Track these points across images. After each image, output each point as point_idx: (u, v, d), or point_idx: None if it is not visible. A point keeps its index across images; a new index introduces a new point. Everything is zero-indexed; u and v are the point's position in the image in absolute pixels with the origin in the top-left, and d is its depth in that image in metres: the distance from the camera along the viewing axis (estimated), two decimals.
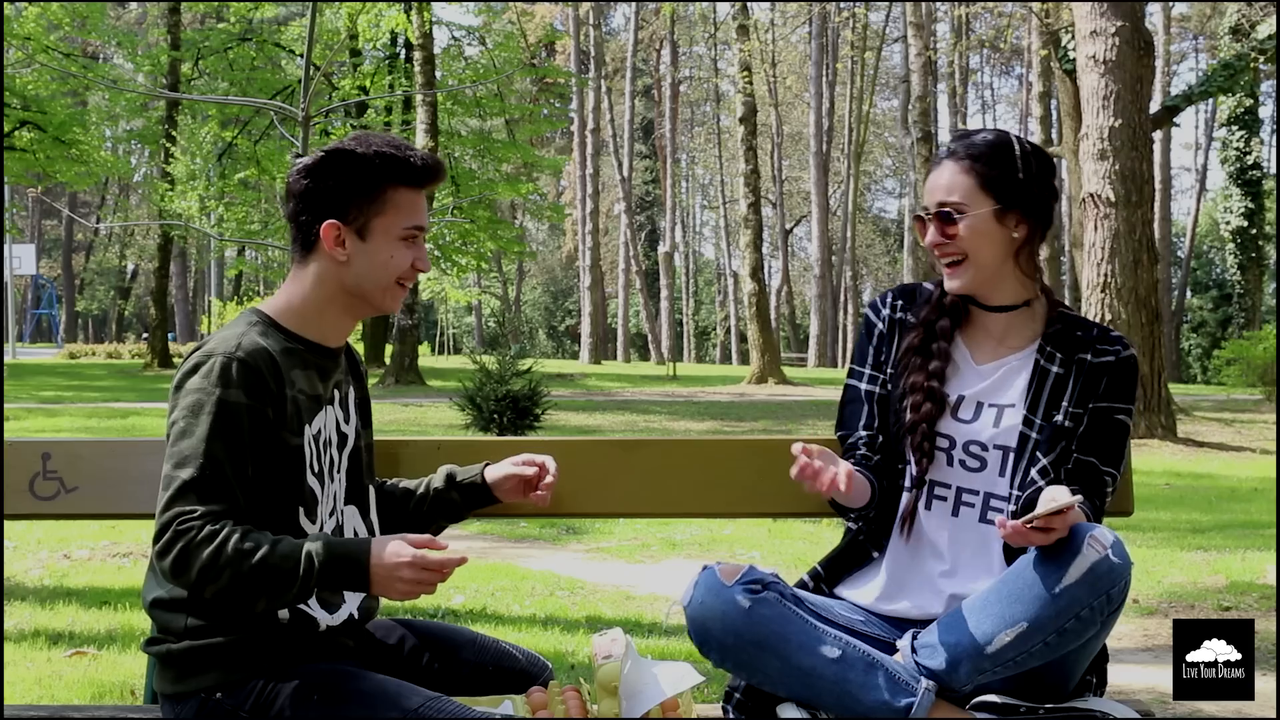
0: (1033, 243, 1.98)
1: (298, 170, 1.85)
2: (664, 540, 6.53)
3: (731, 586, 1.78)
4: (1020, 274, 1.98)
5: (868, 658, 1.77)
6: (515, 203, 38.53)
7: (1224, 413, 15.77)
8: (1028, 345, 1.99)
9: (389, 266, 1.84)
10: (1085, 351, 1.97)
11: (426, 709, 1.66)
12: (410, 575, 1.68)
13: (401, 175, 1.83)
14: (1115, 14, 11.61)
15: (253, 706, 1.70)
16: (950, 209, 1.94)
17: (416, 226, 1.86)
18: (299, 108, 3.59)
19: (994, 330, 2.01)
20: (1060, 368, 1.96)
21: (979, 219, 1.93)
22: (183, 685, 1.73)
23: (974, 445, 1.94)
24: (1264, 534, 6.38)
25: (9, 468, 2.15)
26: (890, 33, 40.46)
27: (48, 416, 12.74)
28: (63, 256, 51.33)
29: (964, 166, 1.95)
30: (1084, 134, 11.93)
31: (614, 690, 1.93)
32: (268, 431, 1.73)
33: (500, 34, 28.30)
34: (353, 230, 1.82)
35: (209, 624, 1.72)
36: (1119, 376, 1.96)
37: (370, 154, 1.81)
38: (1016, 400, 1.95)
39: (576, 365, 32.34)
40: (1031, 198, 1.95)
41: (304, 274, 1.86)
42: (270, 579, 1.63)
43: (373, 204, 1.82)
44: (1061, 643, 1.72)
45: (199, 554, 1.61)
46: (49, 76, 20.46)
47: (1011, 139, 1.96)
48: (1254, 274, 32.38)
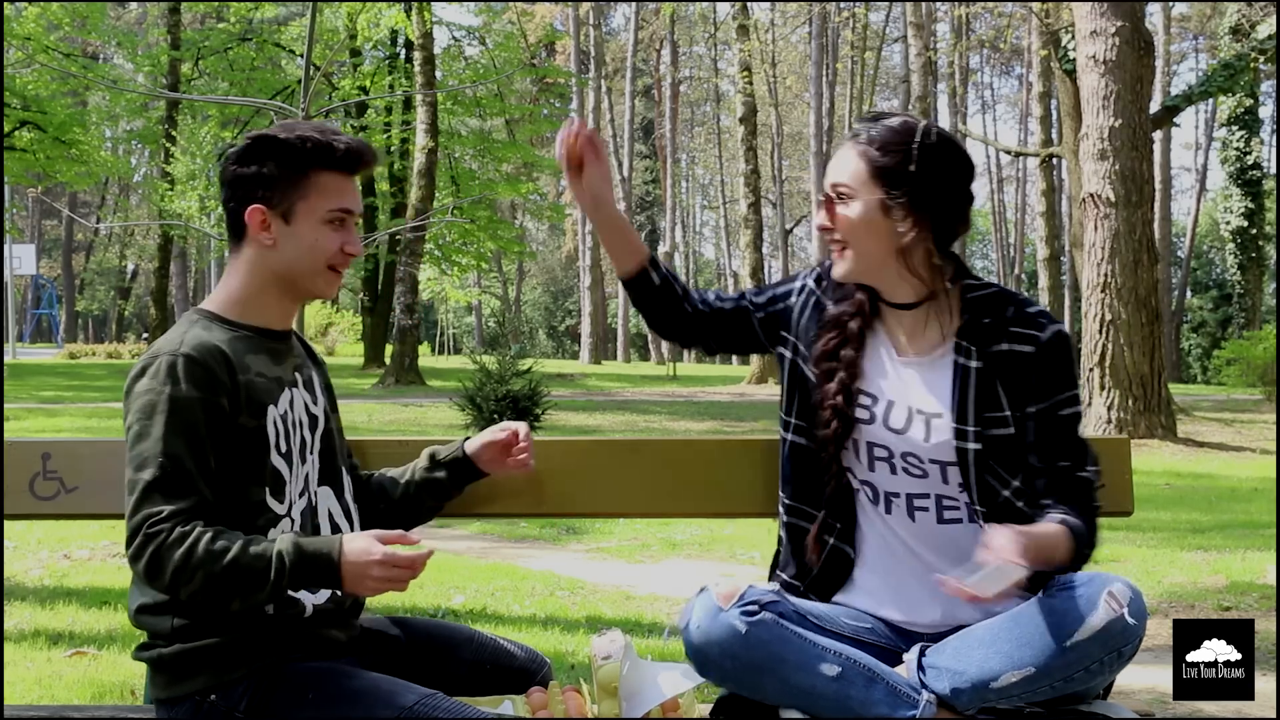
0: (925, 240, 1.85)
1: (227, 158, 1.87)
2: (664, 540, 6.53)
3: (728, 610, 1.76)
4: (911, 272, 1.87)
5: (868, 672, 1.76)
6: (515, 203, 38.54)
7: (1224, 413, 15.77)
8: (944, 342, 1.89)
9: (315, 250, 1.84)
10: (1001, 341, 1.86)
11: (421, 706, 1.66)
12: (380, 573, 1.67)
13: (326, 159, 1.83)
14: (1115, 14, 11.61)
15: (247, 707, 1.69)
16: (837, 191, 1.86)
17: (344, 210, 1.86)
18: (299, 108, 3.59)
19: (905, 326, 1.92)
20: (979, 361, 1.85)
21: (864, 207, 1.84)
22: (176, 689, 1.73)
23: (911, 457, 1.87)
24: (1264, 534, 6.38)
25: (9, 468, 2.15)
26: (890, 33, 40.47)
27: (48, 416, 12.74)
28: (63, 256, 51.32)
29: (860, 150, 1.85)
30: (1084, 134, 11.93)
31: (614, 691, 1.93)
32: (223, 421, 1.73)
33: (500, 34, 28.31)
34: (278, 214, 1.83)
35: (195, 624, 1.72)
36: (1048, 365, 1.85)
37: (294, 138, 1.82)
38: (944, 409, 1.85)
39: (576, 365, 32.33)
40: (924, 193, 1.81)
41: (238, 262, 1.87)
42: (242, 579, 1.64)
43: (297, 188, 1.83)
44: (1068, 687, 1.71)
45: (170, 556, 1.62)
46: (49, 76, 20.46)
47: (917, 126, 1.83)
48: (1254, 274, 32.38)
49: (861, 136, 1.86)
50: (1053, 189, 28.48)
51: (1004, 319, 1.87)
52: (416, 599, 4.51)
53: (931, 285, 1.88)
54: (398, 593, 1.84)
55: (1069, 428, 1.86)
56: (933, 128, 1.85)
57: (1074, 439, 1.86)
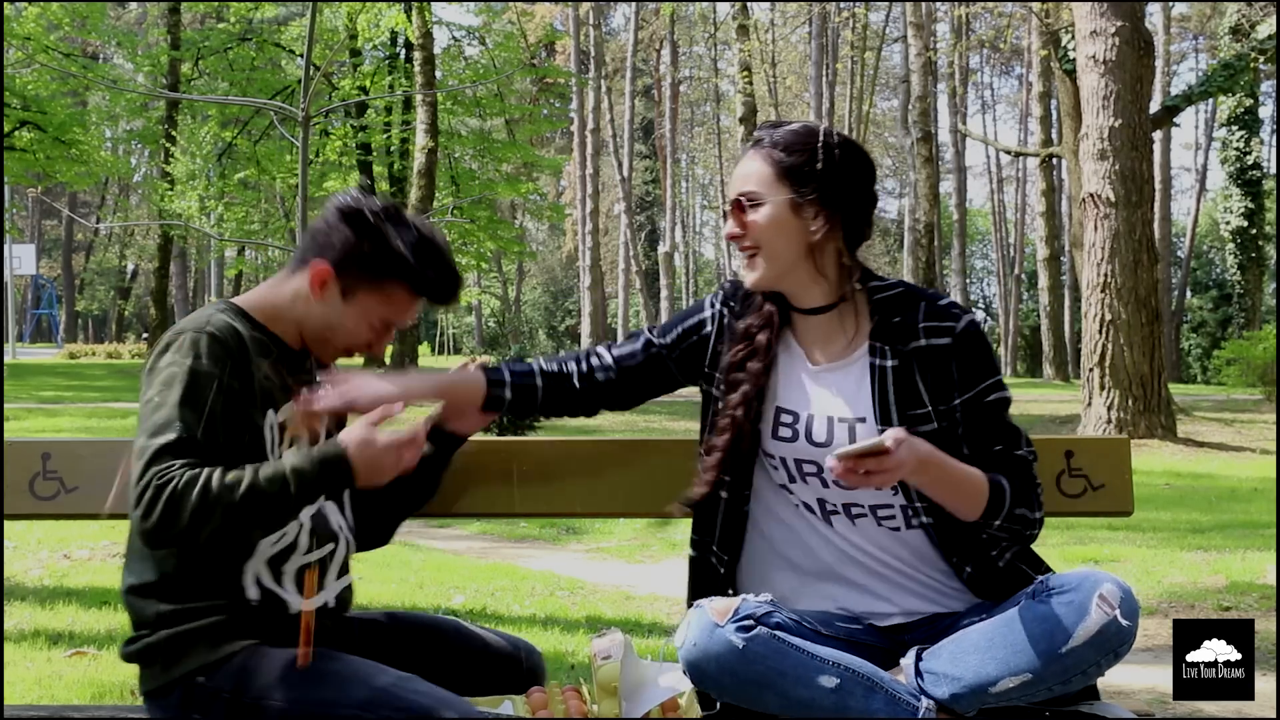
0: (834, 240, 1.87)
1: (341, 206, 1.87)
2: (664, 540, 6.54)
3: (724, 626, 1.74)
4: (821, 272, 1.88)
5: (867, 682, 1.75)
6: (515, 203, 38.55)
7: (1224, 413, 15.77)
8: (859, 344, 1.89)
9: (346, 333, 1.88)
10: (915, 338, 1.86)
11: (395, 687, 1.68)
12: (391, 456, 1.71)
13: (415, 281, 1.86)
14: (1115, 14, 11.61)
15: (233, 689, 1.71)
16: (745, 197, 1.86)
17: (395, 324, 1.90)
18: (299, 108, 3.59)
19: (817, 333, 1.93)
20: (895, 359, 1.86)
21: (773, 208, 1.84)
22: (166, 676, 1.75)
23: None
24: (1264, 534, 6.38)
25: (9, 468, 2.16)
26: (890, 33, 40.45)
27: (48, 416, 12.74)
28: (63, 256, 51.31)
29: (764, 155, 1.86)
30: (1084, 134, 11.93)
31: (614, 690, 1.93)
32: (236, 404, 1.74)
33: (500, 34, 28.29)
34: (339, 285, 1.85)
35: (180, 609, 1.74)
36: (967, 355, 1.85)
37: (402, 247, 1.84)
38: (865, 412, 1.86)
39: None
40: (830, 189, 1.83)
41: (285, 283, 1.90)
42: (262, 503, 1.65)
43: (372, 282, 1.86)
44: (1066, 689, 1.72)
45: (186, 498, 1.61)
46: (49, 76, 20.45)
47: (818, 128, 1.86)
48: (1254, 274, 32.37)
49: (764, 141, 1.88)
50: (1053, 189, 28.49)
51: (915, 315, 1.87)
52: (416, 598, 4.51)
53: (841, 287, 1.89)
54: (397, 592, 1.84)
55: (998, 413, 1.87)
56: (833, 130, 1.88)
57: (1004, 423, 1.88)
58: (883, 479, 1.68)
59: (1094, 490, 2.19)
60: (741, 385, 1.90)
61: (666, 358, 2.01)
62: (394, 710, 1.65)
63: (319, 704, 1.68)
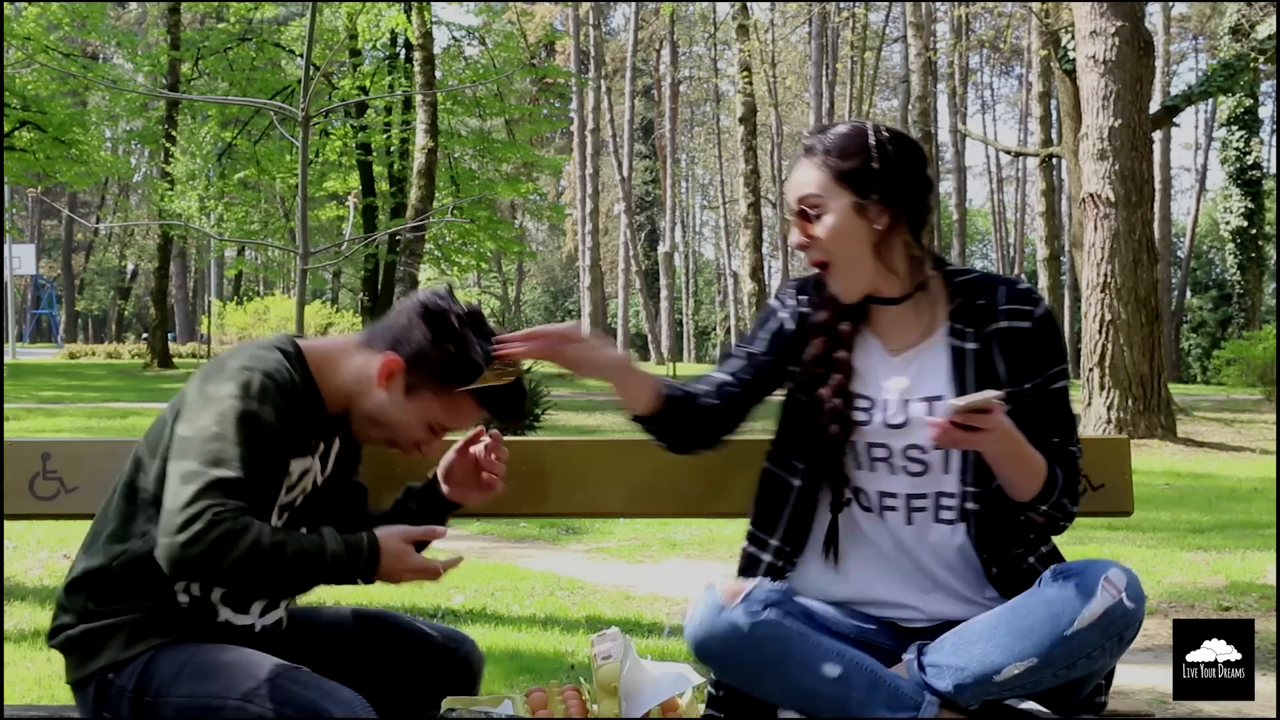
0: (900, 233, 1.88)
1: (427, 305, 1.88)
2: (664, 540, 6.54)
3: (732, 608, 1.75)
4: (890, 267, 1.88)
5: (870, 675, 1.75)
6: (515, 203, 38.54)
7: (1224, 413, 15.77)
8: (937, 328, 1.91)
9: (397, 427, 1.89)
10: (996, 320, 1.89)
11: (281, 679, 1.70)
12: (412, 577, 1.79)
13: (483, 396, 1.88)
14: (1115, 14, 11.61)
15: (135, 687, 1.74)
16: (807, 206, 1.87)
17: (447, 429, 1.92)
18: (299, 108, 3.58)
19: (895, 321, 1.93)
20: (975, 343, 1.88)
21: (837, 215, 1.85)
22: (83, 669, 1.77)
23: (912, 450, 1.87)
24: (1264, 534, 6.38)
25: (9, 468, 2.15)
26: (890, 33, 40.46)
27: (48, 416, 12.74)
28: (63, 256, 51.31)
29: (818, 161, 1.87)
30: (1084, 134, 11.93)
31: (614, 690, 1.94)
32: (279, 455, 1.78)
33: (500, 34, 28.28)
34: (405, 381, 1.86)
35: (103, 608, 1.77)
36: (1042, 341, 1.88)
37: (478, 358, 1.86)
38: (943, 390, 1.87)
39: None
40: (890, 185, 1.85)
41: (353, 355, 1.90)
42: (295, 570, 1.69)
43: (440, 388, 1.87)
44: (1070, 675, 1.72)
45: (238, 543, 1.63)
46: (49, 76, 20.45)
47: (866, 128, 1.88)
48: (1254, 274, 32.38)
49: (816, 149, 1.89)
50: (1053, 189, 28.47)
51: (996, 298, 1.90)
52: (416, 599, 4.51)
53: (916, 276, 1.90)
54: (396, 592, 1.86)
55: (1061, 401, 1.90)
56: (878, 125, 1.90)
57: (1065, 412, 1.90)
58: (985, 437, 1.69)
59: (1094, 490, 2.19)
60: (832, 376, 1.91)
61: (767, 366, 2.00)
62: (276, 703, 1.67)
63: (207, 697, 1.70)
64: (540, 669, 3.62)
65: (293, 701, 1.67)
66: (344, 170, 24.47)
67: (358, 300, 31.94)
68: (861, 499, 1.93)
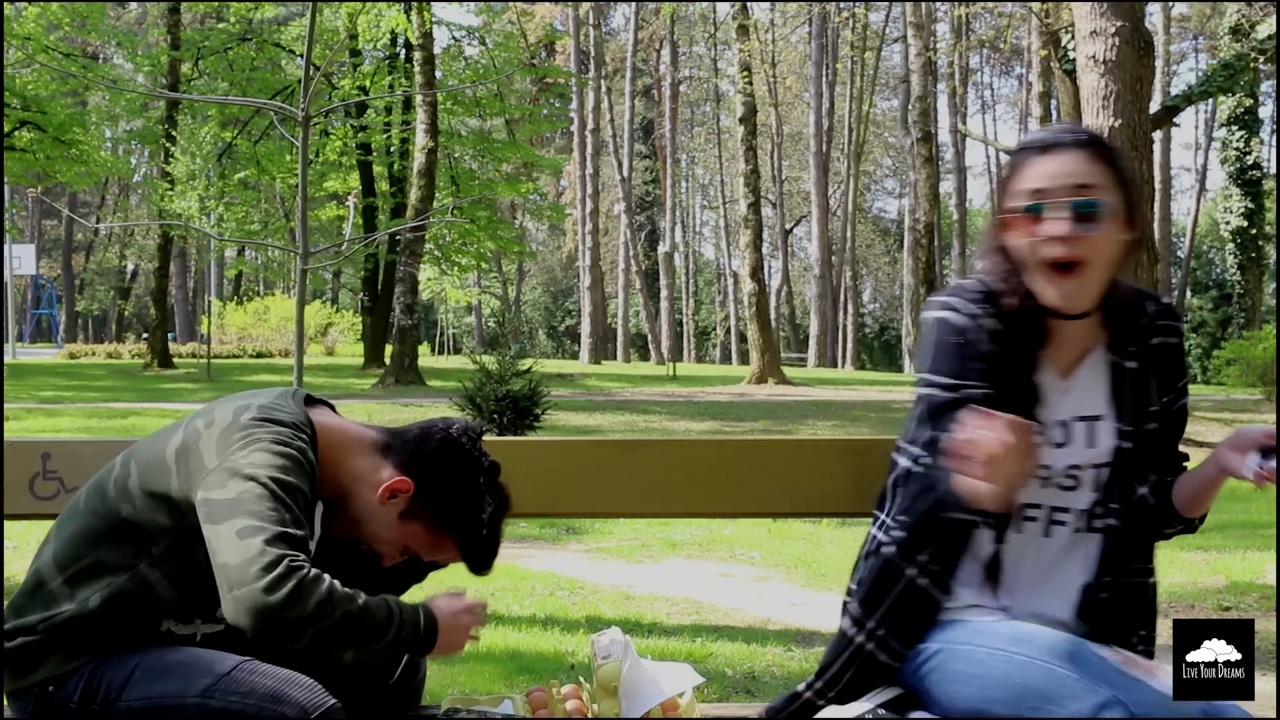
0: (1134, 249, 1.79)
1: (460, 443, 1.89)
2: (664, 540, 6.54)
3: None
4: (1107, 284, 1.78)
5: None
6: (515, 203, 38.55)
7: (1224, 413, 15.77)
8: (1097, 344, 1.82)
9: (376, 540, 1.90)
10: (1152, 336, 1.83)
11: (238, 671, 1.69)
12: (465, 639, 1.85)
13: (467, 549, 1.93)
14: (1115, 14, 11.61)
15: (81, 696, 1.72)
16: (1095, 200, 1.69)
17: (419, 558, 1.96)
18: (299, 108, 3.58)
19: (1068, 336, 1.81)
20: (1135, 361, 1.82)
21: (1115, 213, 1.72)
22: (21, 681, 1.75)
23: (1072, 469, 1.80)
24: (1264, 534, 6.39)
25: (9, 468, 2.15)
26: (890, 33, 40.49)
27: (48, 416, 12.74)
28: (63, 256, 51.32)
29: (1094, 154, 1.70)
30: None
31: (614, 690, 1.94)
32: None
33: (500, 34, 28.31)
34: (403, 505, 1.86)
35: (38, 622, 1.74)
36: (1183, 356, 1.86)
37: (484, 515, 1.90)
38: (1103, 410, 1.80)
39: (576, 365, 32.33)
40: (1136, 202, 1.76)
41: (366, 452, 1.89)
42: (368, 627, 1.68)
43: (433, 525, 1.88)
44: None
45: (315, 590, 1.60)
46: (49, 76, 20.46)
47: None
48: (1254, 274, 32.38)
49: (1086, 142, 1.73)
50: None
51: (1148, 314, 1.84)
52: (415, 599, 4.51)
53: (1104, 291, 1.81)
54: (396, 593, 1.87)
55: (1186, 414, 1.89)
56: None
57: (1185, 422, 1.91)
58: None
59: None
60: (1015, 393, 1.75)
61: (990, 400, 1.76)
62: (239, 695, 1.66)
63: (163, 697, 1.68)
64: (540, 669, 3.62)
65: (255, 691, 1.66)
66: (344, 170, 24.50)
67: (358, 300, 31.94)
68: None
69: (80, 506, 1.83)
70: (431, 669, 3.57)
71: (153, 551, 1.75)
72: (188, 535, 1.72)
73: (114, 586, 1.74)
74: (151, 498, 1.75)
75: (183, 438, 1.78)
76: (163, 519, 1.74)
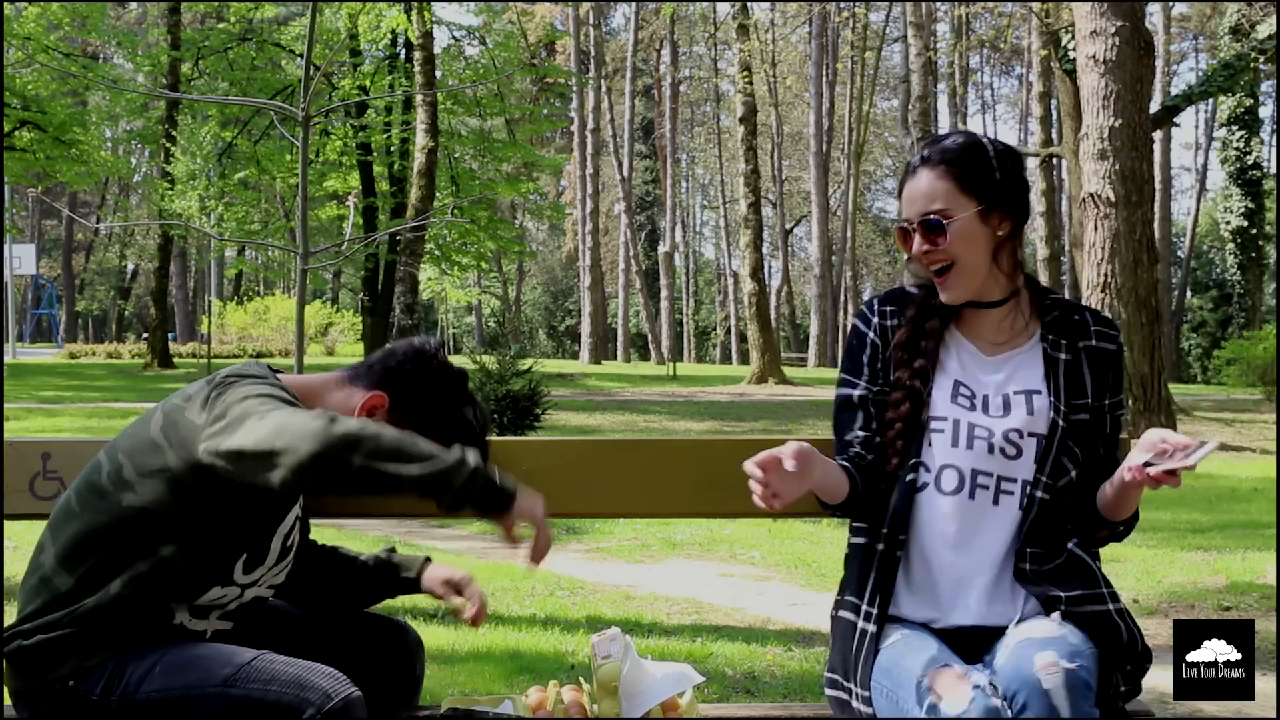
0: (1015, 238, 2.00)
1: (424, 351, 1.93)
2: (664, 540, 6.54)
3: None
4: (1002, 270, 1.99)
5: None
6: (515, 203, 38.53)
7: (1224, 413, 15.77)
8: (1029, 335, 2.02)
9: None
10: (1088, 338, 2.01)
11: (259, 661, 1.72)
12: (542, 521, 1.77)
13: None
14: (1115, 14, 11.61)
15: (102, 690, 1.73)
16: (936, 216, 1.94)
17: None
18: (299, 108, 3.58)
19: (990, 325, 2.03)
20: (1068, 354, 1.99)
21: (964, 223, 1.94)
22: (36, 679, 1.76)
23: (1012, 433, 1.94)
24: (1264, 534, 6.39)
25: (9, 468, 2.15)
26: (890, 33, 40.46)
27: (48, 416, 12.74)
28: (63, 256, 51.32)
29: (940, 172, 1.96)
30: (1084, 134, 11.92)
31: (614, 690, 1.94)
32: None
33: (500, 34, 28.28)
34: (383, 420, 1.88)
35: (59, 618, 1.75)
36: (1119, 367, 2.02)
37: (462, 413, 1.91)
38: (1040, 387, 1.97)
39: (576, 365, 32.33)
40: (1009, 194, 1.97)
41: (335, 390, 1.93)
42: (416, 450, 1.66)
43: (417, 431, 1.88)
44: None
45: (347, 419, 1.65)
46: (49, 76, 20.45)
47: (982, 139, 1.99)
48: (1254, 274, 32.39)
49: (935, 159, 1.97)
50: (1053, 189, 28.49)
51: (1085, 317, 2.03)
52: (416, 599, 4.51)
53: (1015, 281, 2.02)
54: (403, 596, 1.89)
55: (1121, 425, 2.03)
56: (989, 137, 2.02)
57: (1119, 434, 2.03)
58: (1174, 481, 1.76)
59: None
60: (915, 360, 1.99)
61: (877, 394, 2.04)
62: (260, 683, 1.68)
63: (184, 688, 1.70)
64: (540, 669, 3.62)
65: (277, 679, 1.68)
66: (344, 170, 24.48)
67: (358, 300, 31.92)
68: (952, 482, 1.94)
69: (75, 509, 1.83)
70: (431, 669, 3.57)
71: (163, 532, 1.77)
72: (194, 506, 1.75)
73: (134, 571, 1.76)
74: (150, 478, 1.77)
75: (163, 416, 1.81)
76: (166, 496, 1.76)
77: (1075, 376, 1.98)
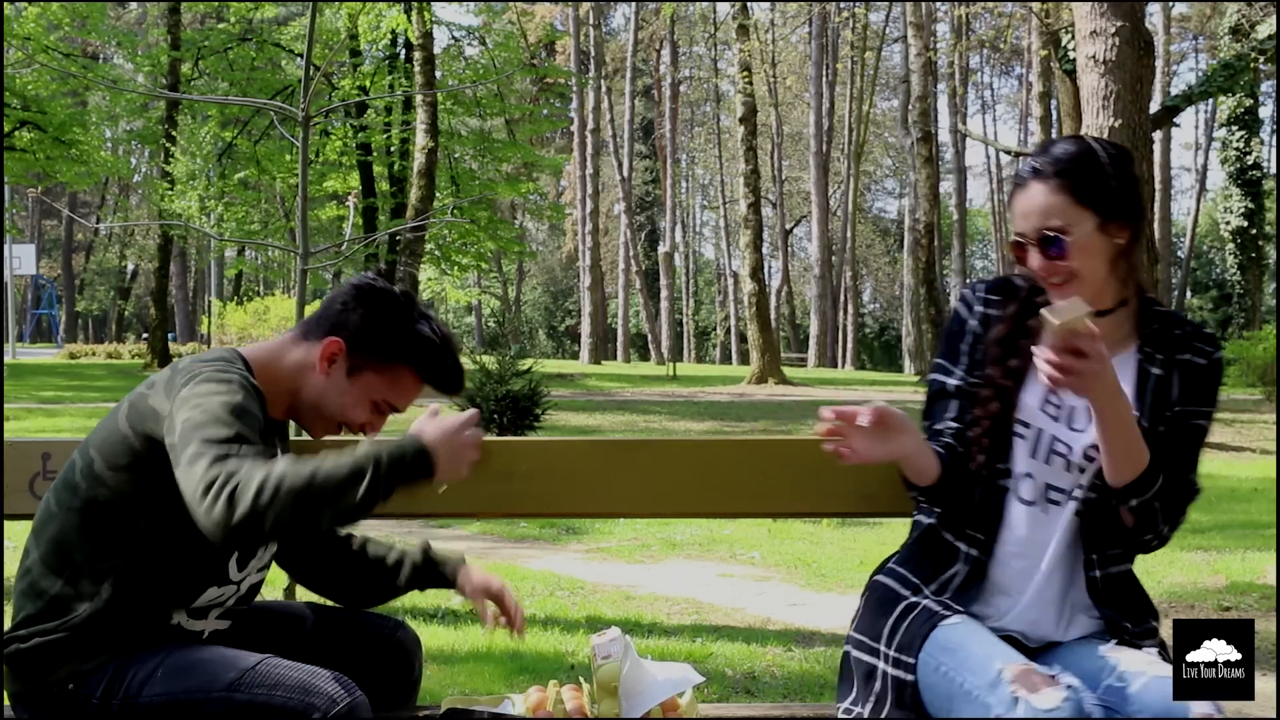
0: (1135, 245, 1.92)
1: (361, 286, 1.92)
2: (664, 540, 6.54)
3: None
4: (1118, 278, 1.92)
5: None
6: (515, 203, 38.53)
7: (1224, 413, 15.76)
8: (1127, 346, 1.95)
9: (344, 410, 1.91)
10: (1185, 351, 1.94)
11: (262, 665, 1.71)
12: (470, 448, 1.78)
13: (422, 369, 1.91)
14: (1115, 14, 11.60)
15: (103, 693, 1.73)
16: (1055, 233, 1.85)
17: (394, 407, 1.94)
18: (299, 108, 3.58)
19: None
20: (1161, 369, 1.92)
21: (1084, 236, 1.85)
22: (35, 682, 1.76)
23: (1091, 449, 1.89)
24: (1264, 534, 6.39)
25: (9, 468, 2.15)
26: (890, 33, 40.48)
27: (48, 416, 12.75)
28: (63, 256, 51.31)
29: (1054, 185, 1.87)
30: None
31: (614, 690, 1.94)
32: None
33: (500, 34, 28.28)
34: (347, 363, 1.89)
35: (57, 623, 1.75)
36: (1211, 380, 1.94)
37: (416, 332, 1.90)
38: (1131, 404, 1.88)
39: (576, 365, 32.34)
40: (1126, 202, 1.88)
41: (290, 350, 1.92)
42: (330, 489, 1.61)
43: (382, 364, 1.90)
44: None
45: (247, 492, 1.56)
46: (49, 76, 20.45)
47: (1092, 144, 1.90)
48: (1254, 274, 32.39)
49: (1047, 172, 1.88)
50: None
51: (1187, 332, 1.95)
52: (416, 599, 4.51)
53: (1126, 289, 1.94)
54: (407, 594, 1.89)
55: (1197, 436, 1.93)
56: (1098, 139, 1.93)
57: (1196, 447, 1.93)
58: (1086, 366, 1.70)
59: None
60: (1010, 359, 1.93)
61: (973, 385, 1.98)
62: (266, 688, 1.68)
63: (187, 692, 1.70)
64: (540, 669, 3.62)
65: (282, 684, 1.68)
66: (344, 170, 24.48)
67: None
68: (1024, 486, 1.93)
69: (54, 509, 1.83)
70: (431, 669, 3.57)
71: (140, 525, 1.76)
72: (165, 496, 1.71)
73: (120, 573, 1.76)
74: (120, 471, 1.76)
75: (129, 407, 1.80)
76: (137, 486, 1.75)
77: (1163, 392, 1.92)
